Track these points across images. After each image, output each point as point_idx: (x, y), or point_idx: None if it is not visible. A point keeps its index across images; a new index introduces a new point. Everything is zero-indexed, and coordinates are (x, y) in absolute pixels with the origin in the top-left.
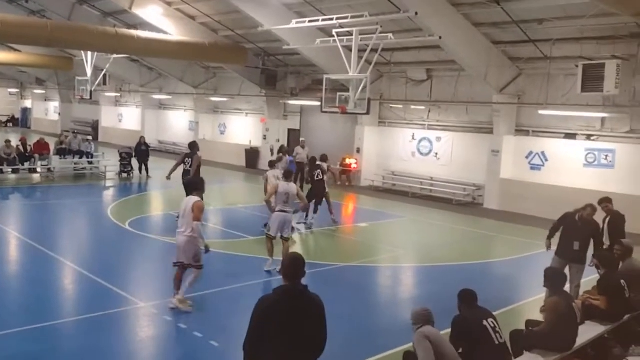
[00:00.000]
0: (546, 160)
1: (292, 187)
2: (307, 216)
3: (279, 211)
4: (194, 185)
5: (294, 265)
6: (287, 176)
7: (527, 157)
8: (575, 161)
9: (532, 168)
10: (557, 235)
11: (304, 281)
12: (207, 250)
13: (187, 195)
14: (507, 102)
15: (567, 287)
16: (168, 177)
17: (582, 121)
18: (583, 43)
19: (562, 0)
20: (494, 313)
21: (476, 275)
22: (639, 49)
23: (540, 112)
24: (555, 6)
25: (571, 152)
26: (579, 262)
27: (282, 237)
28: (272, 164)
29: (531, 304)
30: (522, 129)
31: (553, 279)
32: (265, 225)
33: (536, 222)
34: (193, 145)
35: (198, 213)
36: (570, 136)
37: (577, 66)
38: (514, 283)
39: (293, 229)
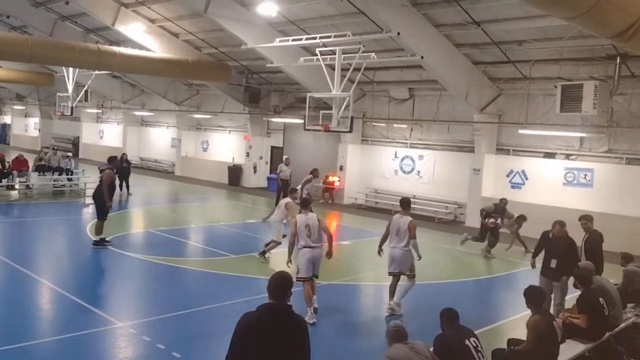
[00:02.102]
0: (526, 179)
1: (312, 217)
2: None
3: (304, 247)
4: None
5: (281, 284)
6: (304, 205)
7: (507, 176)
8: (554, 180)
9: (512, 186)
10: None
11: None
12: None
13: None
14: (488, 122)
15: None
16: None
17: (561, 141)
18: (561, 64)
19: (540, 22)
20: (476, 332)
21: (458, 293)
22: (616, 70)
23: (520, 131)
24: (534, 28)
25: (551, 171)
26: (558, 280)
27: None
28: (293, 192)
29: (512, 322)
30: (502, 147)
31: (532, 298)
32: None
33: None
34: (110, 160)
35: (414, 232)
36: (550, 155)
37: (555, 87)
38: (495, 301)
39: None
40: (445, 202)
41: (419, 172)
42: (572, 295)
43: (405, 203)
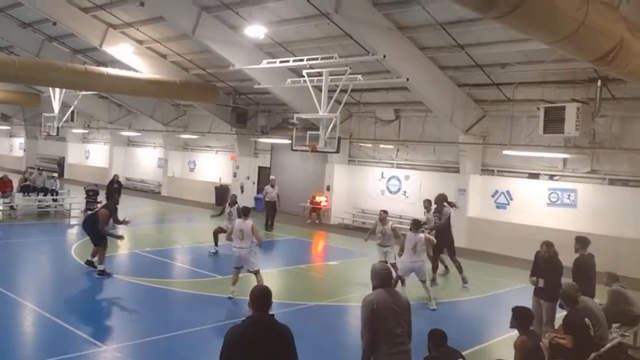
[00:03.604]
0: (511, 199)
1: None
2: None
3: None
4: None
5: (262, 297)
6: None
7: (492, 196)
8: (538, 200)
9: (497, 207)
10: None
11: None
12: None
13: None
14: (473, 142)
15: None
16: None
17: (544, 161)
18: (544, 87)
19: (523, 45)
20: (463, 353)
21: (445, 314)
22: (598, 93)
23: (505, 152)
24: (517, 51)
25: (535, 191)
26: (545, 299)
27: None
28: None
29: (500, 343)
30: (487, 168)
31: (520, 318)
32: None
33: (503, 260)
34: (109, 196)
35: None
36: (534, 176)
37: (539, 109)
38: (482, 322)
39: None
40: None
41: (405, 192)
42: (560, 315)
43: (416, 224)
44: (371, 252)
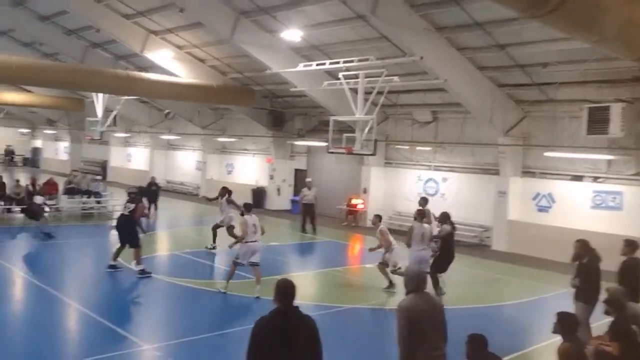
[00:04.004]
0: (553, 201)
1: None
2: None
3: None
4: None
5: (287, 289)
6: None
7: (534, 199)
8: (582, 203)
9: (539, 210)
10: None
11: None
12: None
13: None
14: (513, 144)
15: None
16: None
17: (588, 163)
18: (587, 86)
19: (564, 45)
20: (504, 359)
21: (485, 319)
22: None
23: (546, 154)
24: (558, 51)
25: (578, 194)
26: (577, 299)
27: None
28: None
29: (542, 349)
30: (528, 170)
31: (564, 324)
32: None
33: (545, 264)
34: (141, 191)
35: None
36: (577, 178)
37: (582, 109)
38: (523, 327)
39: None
40: (471, 226)
41: (443, 194)
42: (602, 322)
43: (421, 214)
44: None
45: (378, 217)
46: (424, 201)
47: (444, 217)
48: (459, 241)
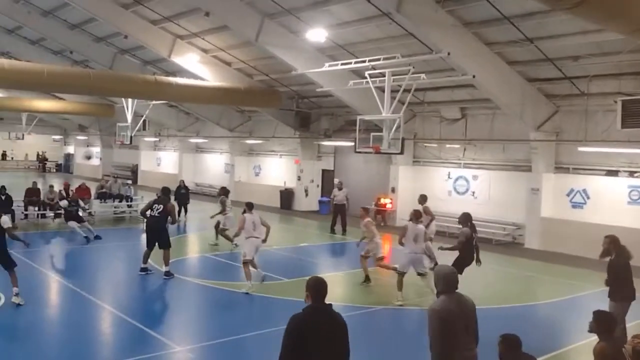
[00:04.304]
0: (588, 198)
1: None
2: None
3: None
4: None
5: (318, 287)
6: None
7: (567, 195)
8: (618, 199)
9: (573, 206)
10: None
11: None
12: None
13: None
14: (545, 140)
15: None
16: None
17: (623, 157)
18: (621, 79)
19: (596, 37)
20: (539, 359)
21: (518, 318)
22: None
23: (580, 149)
24: (590, 43)
25: (614, 189)
26: (610, 298)
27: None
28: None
29: (578, 348)
30: (561, 166)
31: (600, 323)
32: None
33: (580, 262)
34: (166, 191)
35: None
36: (612, 173)
37: (616, 102)
38: (558, 327)
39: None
40: (503, 224)
41: (473, 192)
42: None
43: (417, 215)
44: (444, 254)
45: (364, 209)
46: (422, 199)
47: (464, 219)
48: (491, 240)
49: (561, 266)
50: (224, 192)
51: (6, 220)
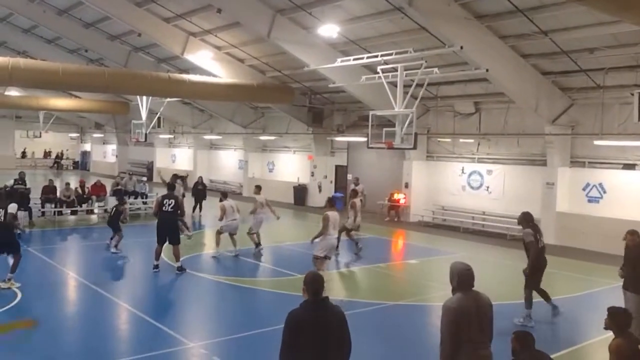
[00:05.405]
0: (604, 192)
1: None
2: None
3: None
4: None
5: (315, 282)
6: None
7: (584, 189)
8: (636, 192)
9: (589, 200)
10: None
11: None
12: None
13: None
14: (560, 133)
15: None
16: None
17: None
18: (638, 71)
19: (612, 28)
20: (553, 356)
21: (534, 315)
22: None
23: (596, 142)
24: (606, 35)
25: (631, 183)
26: (625, 289)
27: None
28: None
29: (593, 345)
30: (577, 160)
31: (616, 319)
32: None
33: (596, 257)
34: (172, 186)
35: None
36: (629, 166)
37: (632, 94)
38: (574, 323)
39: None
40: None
41: (487, 187)
42: None
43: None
44: (458, 250)
45: (258, 188)
46: (356, 180)
47: (524, 220)
48: (506, 235)
49: (577, 261)
50: (259, 189)
51: (14, 207)
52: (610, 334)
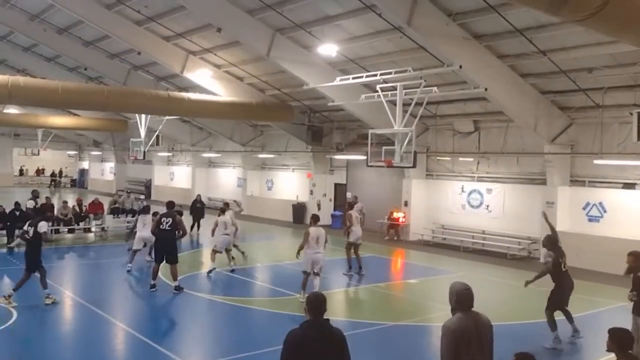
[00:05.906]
0: (605, 211)
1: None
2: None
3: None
4: None
5: (318, 302)
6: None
7: (584, 209)
8: (636, 211)
9: (590, 220)
10: None
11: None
12: None
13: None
14: (560, 152)
15: None
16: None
17: None
18: (637, 90)
19: (610, 48)
20: None
21: (535, 336)
22: None
23: (596, 161)
24: (604, 54)
25: (631, 202)
26: (636, 314)
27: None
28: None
29: None
30: (577, 179)
31: (617, 340)
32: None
33: (597, 277)
34: (171, 205)
35: None
36: (629, 186)
37: (631, 114)
38: (576, 344)
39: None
40: (518, 238)
41: (487, 206)
42: None
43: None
44: (458, 270)
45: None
46: (354, 199)
47: (548, 243)
48: (506, 254)
49: (578, 281)
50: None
51: (43, 225)
52: (613, 356)
